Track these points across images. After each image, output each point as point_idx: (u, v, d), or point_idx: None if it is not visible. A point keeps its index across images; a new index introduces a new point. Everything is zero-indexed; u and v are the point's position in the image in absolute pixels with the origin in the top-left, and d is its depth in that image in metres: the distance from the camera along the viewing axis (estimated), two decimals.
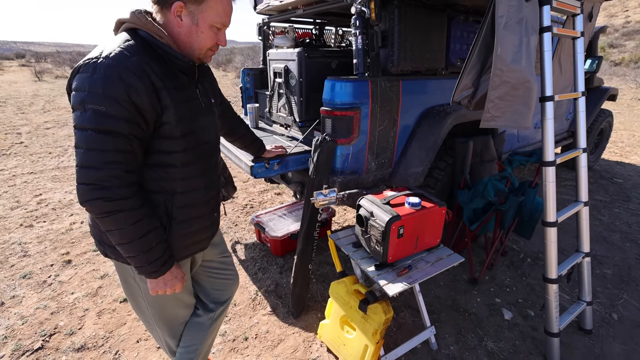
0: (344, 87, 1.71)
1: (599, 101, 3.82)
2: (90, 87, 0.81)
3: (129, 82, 0.82)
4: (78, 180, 0.85)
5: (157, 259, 0.95)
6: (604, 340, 1.81)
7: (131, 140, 0.85)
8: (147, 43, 0.90)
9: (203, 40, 0.95)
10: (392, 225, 1.33)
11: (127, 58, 0.84)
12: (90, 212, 0.88)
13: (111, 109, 0.81)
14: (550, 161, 1.43)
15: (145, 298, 1.13)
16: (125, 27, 0.92)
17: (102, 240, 1.03)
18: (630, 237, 2.82)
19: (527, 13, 1.24)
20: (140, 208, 0.90)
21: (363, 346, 1.50)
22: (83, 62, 0.84)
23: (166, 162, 0.96)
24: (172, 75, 0.92)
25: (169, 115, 0.91)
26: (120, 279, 1.14)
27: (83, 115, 0.82)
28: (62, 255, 2.60)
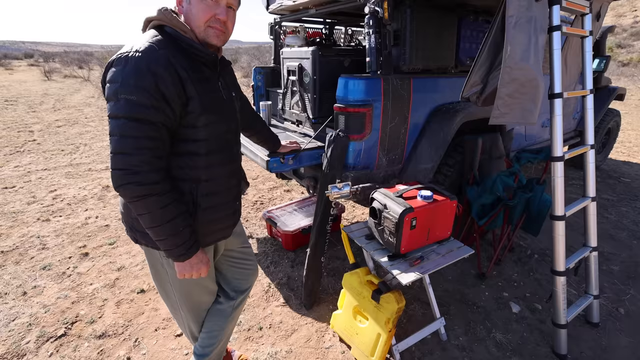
0: (357, 85, 1.77)
1: (606, 100, 3.83)
2: (123, 79, 0.87)
3: (157, 74, 0.88)
4: (112, 166, 0.91)
5: (184, 242, 1.01)
6: (610, 333, 1.85)
7: (159, 127, 0.91)
8: (173, 38, 0.96)
9: (197, 15, 0.97)
10: (405, 217, 1.38)
11: (155, 51, 0.90)
12: (123, 197, 0.94)
13: (142, 98, 0.87)
14: (559, 156, 1.48)
15: (172, 283, 1.19)
16: (153, 24, 0.99)
17: (134, 226, 1.09)
18: (638, 235, 2.84)
19: (536, 12, 1.29)
20: (168, 193, 0.96)
21: (376, 335, 1.55)
22: (116, 57, 0.91)
23: (191, 151, 1.02)
24: (196, 68, 0.98)
25: (194, 104, 0.97)
26: (149, 265, 1.20)
27: (116, 105, 0.88)
28: (79, 248, 2.68)
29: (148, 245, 1.11)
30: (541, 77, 1.35)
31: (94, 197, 3.60)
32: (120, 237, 2.83)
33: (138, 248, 2.66)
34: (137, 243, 1.13)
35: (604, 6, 1.71)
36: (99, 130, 6.55)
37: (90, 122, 7.29)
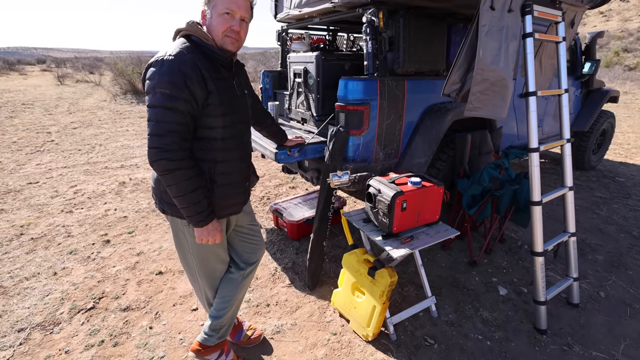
0: (356, 85, 1.97)
1: (599, 102, 3.98)
2: (159, 77, 1.11)
3: (185, 73, 1.12)
4: (149, 145, 1.14)
5: (203, 210, 1.22)
6: (589, 313, 2.01)
7: (186, 115, 1.14)
8: (198, 45, 1.20)
9: (216, 27, 1.21)
10: (396, 199, 1.58)
11: (184, 55, 1.14)
12: (156, 170, 1.16)
13: (173, 92, 1.10)
14: (534, 147, 1.66)
15: (191, 250, 1.40)
16: (182, 33, 1.22)
17: (162, 198, 1.31)
18: (625, 229, 2.99)
19: (508, 22, 1.49)
20: (192, 168, 1.18)
21: (371, 307, 1.73)
22: (154, 60, 1.14)
23: (210, 136, 1.24)
24: (216, 69, 1.21)
25: (213, 98, 1.19)
26: (172, 234, 1.42)
27: (154, 97, 1.12)
28: (101, 236, 2.91)
29: (173, 215, 1.32)
30: (510, 78, 1.54)
31: (111, 192, 3.84)
32: (137, 227, 3.06)
33: (155, 236, 2.88)
34: (163, 213, 1.35)
35: (577, 14, 1.89)
36: (113, 132, 6.85)
37: (104, 124, 7.60)
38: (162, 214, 3.25)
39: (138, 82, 11.39)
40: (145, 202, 3.54)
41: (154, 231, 2.97)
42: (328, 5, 2.09)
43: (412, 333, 1.86)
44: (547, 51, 1.89)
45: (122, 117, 8.26)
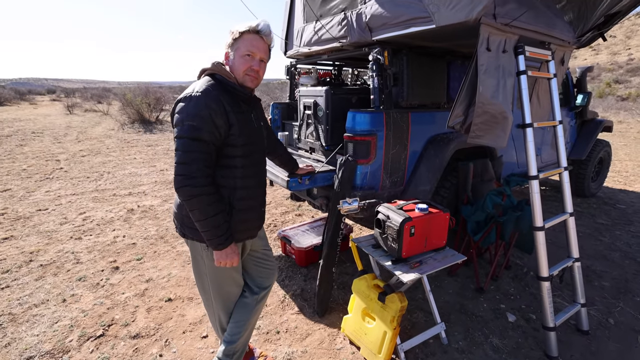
0: (363, 117, 2.11)
1: (594, 132, 4.14)
2: (188, 110, 1.23)
3: (211, 107, 1.23)
4: (175, 172, 1.23)
5: (223, 233, 1.30)
6: (600, 340, 2.00)
7: (210, 145, 1.25)
8: (221, 82, 1.33)
9: (238, 66, 1.35)
10: (405, 225, 1.65)
11: (210, 92, 1.26)
12: (181, 196, 1.25)
13: (199, 124, 1.22)
14: (534, 175, 1.75)
15: (208, 274, 1.46)
16: (207, 72, 1.36)
17: (183, 222, 1.39)
18: (630, 256, 3.01)
19: (503, 61, 1.64)
20: (214, 194, 1.27)
21: (382, 333, 1.75)
22: (183, 96, 1.27)
23: (231, 164, 1.34)
24: (237, 104, 1.34)
25: (234, 129, 1.30)
26: (191, 257, 1.49)
27: (182, 129, 1.22)
28: (110, 262, 2.94)
29: (193, 239, 1.39)
30: (509, 111, 1.67)
31: (119, 219, 3.90)
32: (146, 253, 3.09)
33: (163, 263, 2.91)
34: (184, 237, 1.42)
35: (567, 53, 2.06)
36: (120, 160, 7.01)
37: (112, 152, 7.79)
38: (170, 242, 3.30)
39: (145, 112, 11.79)
40: (154, 229, 3.59)
41: (163, 258, 3.00)
42: (337, 44, 2.27)
43: None
44: (543, 86, 2.04)
45: (129, 146, 8.47)
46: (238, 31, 1.33)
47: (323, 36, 2.43)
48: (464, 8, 1.49)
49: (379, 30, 2.00)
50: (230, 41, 1.35)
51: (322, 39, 2.46)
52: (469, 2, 1.46)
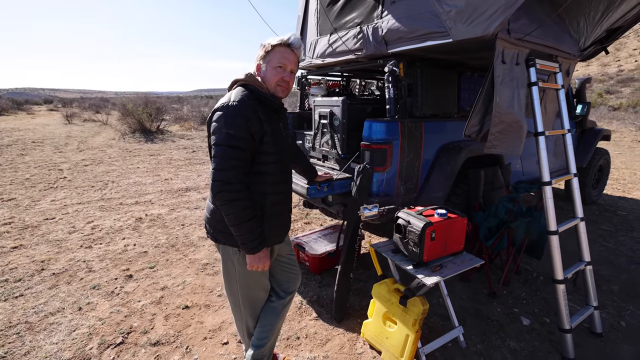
0: (380, 127, 2.18)
1: (594, 140, 4.26)
2: (225, 119, 1.29)
3: (247, 116, 1.30)
4: (213, 178, 1.28)
5: (256, 238, 1.34)
6: (613, 343, 2.05)
7: (246, 152, 1.31)
8: (254, 92, 1.39)
9: (270, 77, 1.42)
10: (426, 230, 1.70)
11: (246, 102, 1.32)
12: (218, 201, 1.29)
13: (236, 132, 1.27)
14: (547, 181, 1.83)
15: (238, 278, 1.50)
16: (241, 83, 1.42)
17: (216, 227, 1.43)
18: (635, 261, 3.08)
19: (517, 73, 1.73)
20: (248, 199, 1.32)
21: (404, 336, 1.78)
22: (220, 105, 1.32)
23: (263, 171, 1.40)
24: (268, 113, 1.40)
25: (267, 137, 1.36)
26: (222, 262, 1.53)
27: (220, 136, 1.28)
28: (123, 271, 2.95)
29: (226, 244, 1.43)
30: (524, 120, 1.75)
31: (128, 228, 3.91)
32: (158, 262, 3.10)
33: (177, 271, 2.92)
34: (216, 242, 1.47)
35: (571, 65, 2.17)
36: (124, 169, 7.01)
37: (115, 161, 7.80)
38: (181, 250, 3.32)
39: (146, 122, 11.83)
40: (164, 238, 3.61)
41: (176, 266, 3.02)
42: (351, 56, 2.36)
43: None
44: (549, 97, 2.14)
45: (132, 155, 8.49)
46: (270, 44, 1.41)
47: (338, 48, 2.52)
48: (481, 24, 1.58)
49: (395, 44, 2.09)
50: (262, 54, 1.43)
51: (337, 51, 2.55)
52: (487, 19, 1.55)
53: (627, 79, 27.58)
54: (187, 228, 3.87)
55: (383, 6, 2.12)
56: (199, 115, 15.56)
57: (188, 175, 6.42)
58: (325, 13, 2.56)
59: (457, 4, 1.62)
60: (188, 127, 13.90)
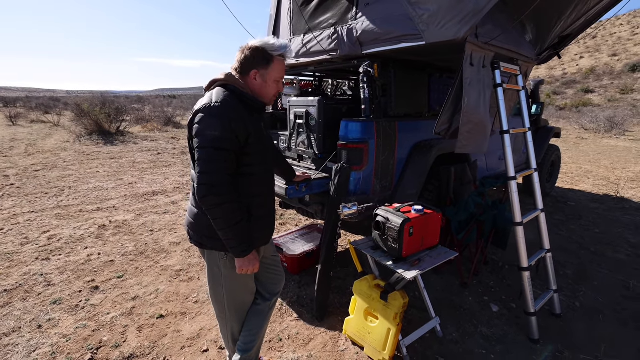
0: (356, 126, 2.22)
1: (547, 137, 4.63)
2: (209, 121, 1.25)
3: (230, 117, 1.26)
4: (199, 182, 1.23)
5: (245, 241, 1.33)
6: (570, 321, 2.25)
7: (231, 153, 1.28)
8: (235, 93, 1.35)
9: (270, 90, 1.43)
10: (405, 226, 1.76)
11: (229, 102, 1.29)
12: (205, 205, 1.25)
13: (221, 133, 1.24)
14: (512, 176, 1.96)
15: (224, 283, 1.46)
16: (219, 83, 1.38)
17: (201, 233, 1.39)
18: (584, 247, 3.40)
19: (483, 75, 1.84)
20: (236, 202, 1.29)
21: (386, 330, 1.83)
22: (202, 107, 1.28)
23: (248, 172, 1.37)
24: (251, 113, 1.38)
25: (252, 138, 1.34)
26: (207, 268, 1.48)
27: (204, 139, 1.24)
28: (88, 282, 2.75)
29: (212, 249, 1.39)
30: (489, 120, 1.88)
31: (91, 236, 3.65)
32: (127, 270, 2.93)
33: (149, 279, 2.78)
34: (201, 247, 1.42)
35: (529, 68, 2.35)
36: (82, 174, 6.54)
37: (70, 165, 7.24)
38: (151, 257, 3.17)
39: (105, 123, 11.11)
40: (131, 245, 3.41)
41: (147, 274, 2.87)
42: (326, 57, 2.38)
43: (424, 353, 1.96)
44: (507, 97, 2.29)
45: (90, 159, 7.93)
46: (271, 54, 1.36)
47: (312, 49, 2.53)
48: (452, 28, 1.66)
49: (369, 45, 2.14)
50: (261, 61, 1.36)
51: (311, 52, 2.56)
52: (457, 23, 1.64)
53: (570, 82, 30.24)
54: (157, 234, 3.69)
55: (357, 8, 2.16)
56: (162, 116, 14.84)
57: (154, 179, 6.12)
58: (299, 13, 2.55)
59: (429, 8, 1.70)
60: (151, 128, 13.22)
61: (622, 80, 28.15)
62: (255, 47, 1.36)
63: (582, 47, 40.97)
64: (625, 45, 38.29)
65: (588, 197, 5.12)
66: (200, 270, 2.92)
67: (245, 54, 1.37)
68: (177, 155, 8.50)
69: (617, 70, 30.37)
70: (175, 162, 7.66)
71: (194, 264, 3.04)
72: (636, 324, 2.25)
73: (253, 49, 1.36)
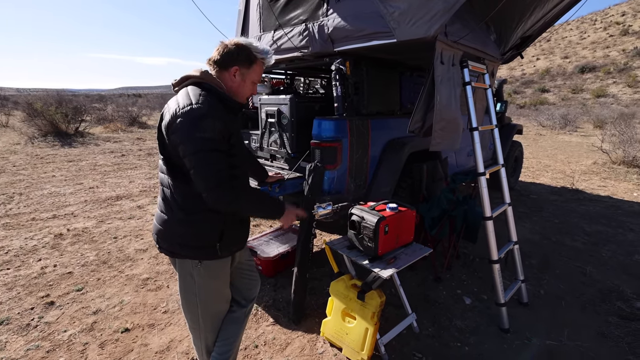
0: (329, 125, 2.19)
1: (511, 134, 4.86)
2: (194, 124, 1.16)
3: (214, 117, 1.18)
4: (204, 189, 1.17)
5: (276, 205, 1.38)
6: (537, 309, 2.36)
7: (225, 154, 1.22)
8: (211, 92, 1.27)
9: (246, 91, 1.37)
10: (380, 224, 1.75)
11: (209, 102, 1.21)
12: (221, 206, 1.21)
13: (210, 135, 1.16)
14: (481, 172, 2.02)
15: (198, 293, 1.37)
16: (192, 81, 1.29)
17: (172, 241, 1.30)
18: (546, 237, 3.59)
19: (453, 74, 1.87)
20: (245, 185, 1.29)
21: (364, 330, 1.81)
22: (182, 111, 1.17)
23: (233, 174, 1.29)
24: (229, 113, 1.30)
25: (234, 138, 1.27)
26: (179, 277, 1.39)
27: (193, 144, 1.15)
28: (41, 298, 2.52)
29: (185, 257, 1.31)
30: (460, 117, 1.91)
31: (45, 247, 3.36)
32: (87, 282, 2.72)
33: (112, 290, 2.60)
34: (173, 256, 1.33)
35: (495, 68, 2.43)
36: (35, 179, 6.03)
37: (22, 170, 6.66)
38: (115, 266, 2.97)
39: (62, 123, 10.34)
40: (92, 255, 3.18)
41: (110, 285, 2.67)
42: (297, 54, 2.33)
43: (401, 350, 1.97)
44: (477, 95, 2.37)
45: (44, 162, 7.33)
46: (255, 56, 1.31)
47: (283, 45, 2.46)
48: (422, 26, 1.67)
49: (341, 42, 2.11)
50: (245, 60, 1.30)
51: (282, 48, 2.49)
52: (427, 21, 1.65)
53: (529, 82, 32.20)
54: (121, 241, 3.46)
55: (328, 4, 2.13)
56: (127, 116, 14.05)
57: (118, 182, 5.76)
58: (269, 8, 2.48)
59: (399, 6, 1.70)
60: (114, 128, 12.49)
61: (573, 81, 30.40)
62: (241, 44, 1.29)
63: (539, 49, 43.82)
64: (575, 49, 41.40)
65: (548, 190, 5.44)
66: (169, 278, 2.77)
67: (229, 49, 1.29)
68: (144, 156, 8.08)
69: (569, 72, 32.77)
70: (141, 164, 7.27)
71: (162, 271, 2.88)
72: (593, 308, 2.40)
73: (239, 45, 1.29)
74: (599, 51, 37.24)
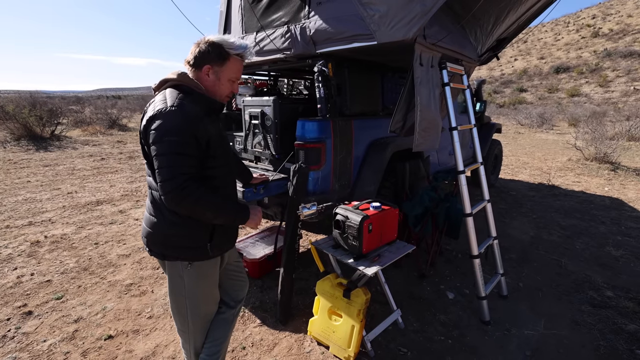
0: (312, 126, 2.21)
1: (490, 133, 5.02)
2: (167, 126, 1.16)
3: (190, 119, 1.19)
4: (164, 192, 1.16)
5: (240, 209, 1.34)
6: (515, 301, 2.45)
7: (193, 158, 1.21)
8: (190, 94, 1.27)
9: (223, 90, 1.36)
10: (364, 223, 1.78)
11: (185, 105, 1.21)
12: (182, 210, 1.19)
13: (181, 138, 1.16)
14: (461, 170, 2.08)
15: (187, 294, 1.37)
16: (171, 84, 1.29)
17: (164, 243, 1.30)
18: (524, 232, 3.73)
19: (432, 75, 1.93)
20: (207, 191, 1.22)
21: (350, 327, 1.84)
22: (157, 112, 1.18)
23: (210, 175, 1.30)
24: (209, 115, 1.30)
25: (212, 140, 1.27)
26: (168, 279, 1.38)
27: (163, 146, 1.15)
28: (18, 308, 2.43)
29: (177, 259, 1.31)
30: (439, 117, 1.97)
31: (21, 255, 3.24)
32: (67, 290, 2.64)
33: (94, 297, 2.53)
34: (163, 259, 1.33)
35: (472, 69, 2.51)
36: (8, 185, 5.78)
37: None
38: (97, 272, 2.91)
39: (36, 127, 9.95)
40: (72, 262, 3.08)
41: (91, 292, 2.61)
42: (280, 55, 2.34)
43: (387, 346, 2.01)
44: (453, 95, 2.44)
45: (18, 167, 7.04)
46: (228, 52, 1.29)
47: (265, 47, 2.47)
48: (402, 28, 1.71)
49: (323, 44, 2.14)
50: (216, 58, 1.29)
51: (264, 50, 2.50)
52: (406, 24, 1.69)
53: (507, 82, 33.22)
54: (103, 247, 3.38)
55: (310, 6, 2.15)
56: (106, 118, 13.66)
57: (98, 187, 5.60)
58: (250, 10, 2.48)
59: (379, 9, 1.74)
60: (93, 131, 12.12)
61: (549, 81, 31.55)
62: (212, 42, 1.28)
63: (516, 50, 45.26)
64: (550, 50, 42.97)
65: (526, 186, 5.64)
66: (154, 283, 2.73)
67: (200, 48, 1.28)
68: (124, 160, 7.88)
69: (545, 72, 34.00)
70: (122, 167, 7.09)
71: (146, 276, 2.83)
72: (568, 298, 2.51)
73: (209, 43, 1.28)
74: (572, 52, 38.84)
